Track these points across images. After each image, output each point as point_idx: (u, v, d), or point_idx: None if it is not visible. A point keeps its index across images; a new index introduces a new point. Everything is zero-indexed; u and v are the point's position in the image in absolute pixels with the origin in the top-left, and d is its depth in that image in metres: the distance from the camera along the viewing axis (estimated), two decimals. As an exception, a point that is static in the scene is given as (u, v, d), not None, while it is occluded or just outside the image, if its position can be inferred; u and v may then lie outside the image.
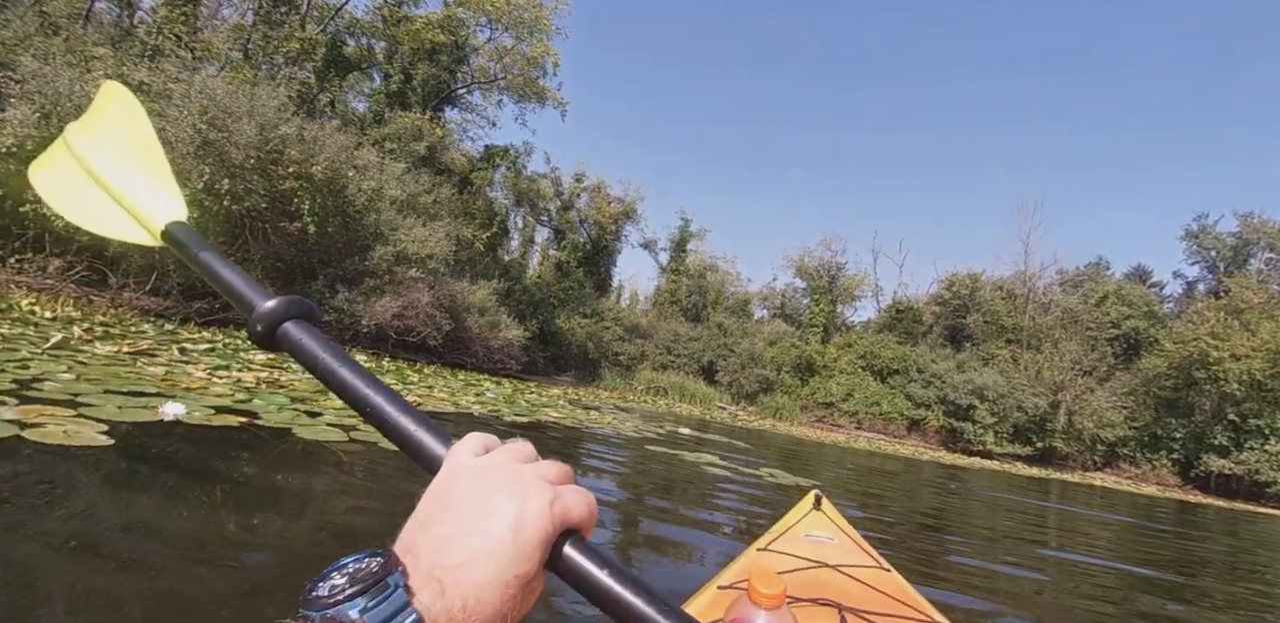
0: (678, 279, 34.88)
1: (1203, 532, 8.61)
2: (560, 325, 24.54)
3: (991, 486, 10.73)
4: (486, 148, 23.41)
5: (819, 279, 32.19)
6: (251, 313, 0.47)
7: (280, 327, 0.46)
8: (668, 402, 20.49)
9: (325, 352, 0.44)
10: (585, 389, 18.55)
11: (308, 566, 1.76)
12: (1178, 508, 13.38)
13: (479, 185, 22.06)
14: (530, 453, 0.38)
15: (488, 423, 5.43)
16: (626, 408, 11.92)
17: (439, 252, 12.71)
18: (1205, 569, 4.65)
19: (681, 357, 28.30)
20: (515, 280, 23.21)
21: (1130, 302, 28.62)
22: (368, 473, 2.95)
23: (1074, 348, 25.45)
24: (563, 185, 31.70)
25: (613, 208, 31.06)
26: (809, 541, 1.66)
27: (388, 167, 14.01)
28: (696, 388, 25.32)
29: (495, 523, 0.31)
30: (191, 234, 0.56)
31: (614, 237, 31.58)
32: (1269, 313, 21.97)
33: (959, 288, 29.57)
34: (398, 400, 0.42)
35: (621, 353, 26.14)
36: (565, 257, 29.59)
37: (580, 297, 27.45)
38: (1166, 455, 22.57)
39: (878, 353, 26.99)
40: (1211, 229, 30.31)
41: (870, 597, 1.25)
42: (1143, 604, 3.28)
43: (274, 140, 10.20)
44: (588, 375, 24.20)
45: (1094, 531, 6.29)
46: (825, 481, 6.21)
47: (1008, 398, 22.79)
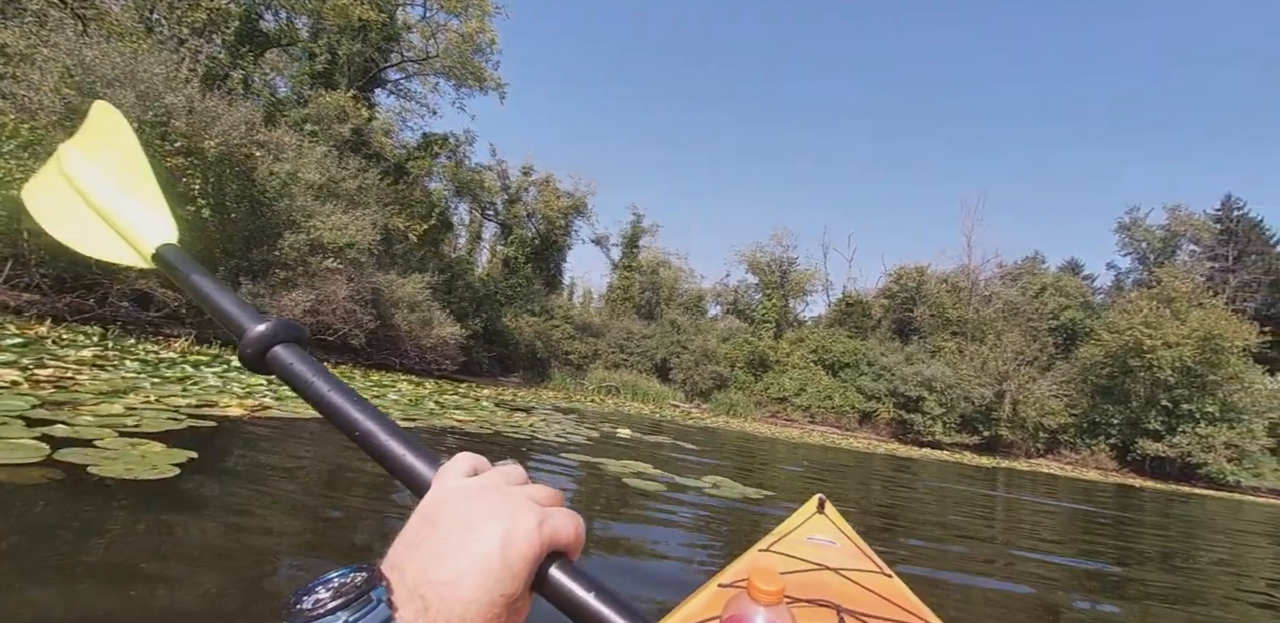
0: (630, 276, 34.23)
1: (1140, 515, 8.79)
2: (507, 324, 23.52)
3: (941, 476, 10.60)
4: (425, 136, 22.12)
5: (771, 274, 32.15)
6: (241, 336, 0.47)
7: (270, 350, 0.46)
8: (617, 401, 19.75)
9: (315, 375, 0.45)
10: (531, 389, 17.64)
11: None
12: (1117, 492, 13.56)
13: (416, 175, 20.79)
14: (520, 475, 0.38)
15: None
16: (569, 408, 11.11)
17: (361, 241, 11.60)
18: (1145, 560, 4.41)
19: (635, 354, 27.66)
20: (457, 276, 22.06)
21: (1067, 293, 29.64)
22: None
23: (1016, 339, 26.09)
24: (510, 179, 30.62)
25: (562, 202, 30.16)
26: (811, 543, 1.66)
27: (306, 149, 12.81)
28: (650, 386, 24.73)
29: (483, 542, 0.31)
30: (182, 256, 0.56)
31: (564, 232, 30.67)
32: (1196, 302, 22.94)
33: (906, 281, 29.98)
34: (387, 423, 0.42)
35: (572, 351, 25.28)
36: (513, 253, 28.48)
37: (528, 294, 26.44)
38: (1104, 441, 23.29)
39: (829, 347, 27.01)
40: (1142, 222, 31.73)
41: (870, 601, 1.24)
42: (1081, 600, 3.06)
43: (158, 111, 8.98)
44: (536, 375, 23.27)
45: (1041, 519, 6.17)
46: (779, 484, 5.49)
47: (955, 389, 23.09)
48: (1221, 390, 21.20)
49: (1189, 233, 30.15)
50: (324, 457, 3.53)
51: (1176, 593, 3.40)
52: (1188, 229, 30.10)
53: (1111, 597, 3.19)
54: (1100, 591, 3.31)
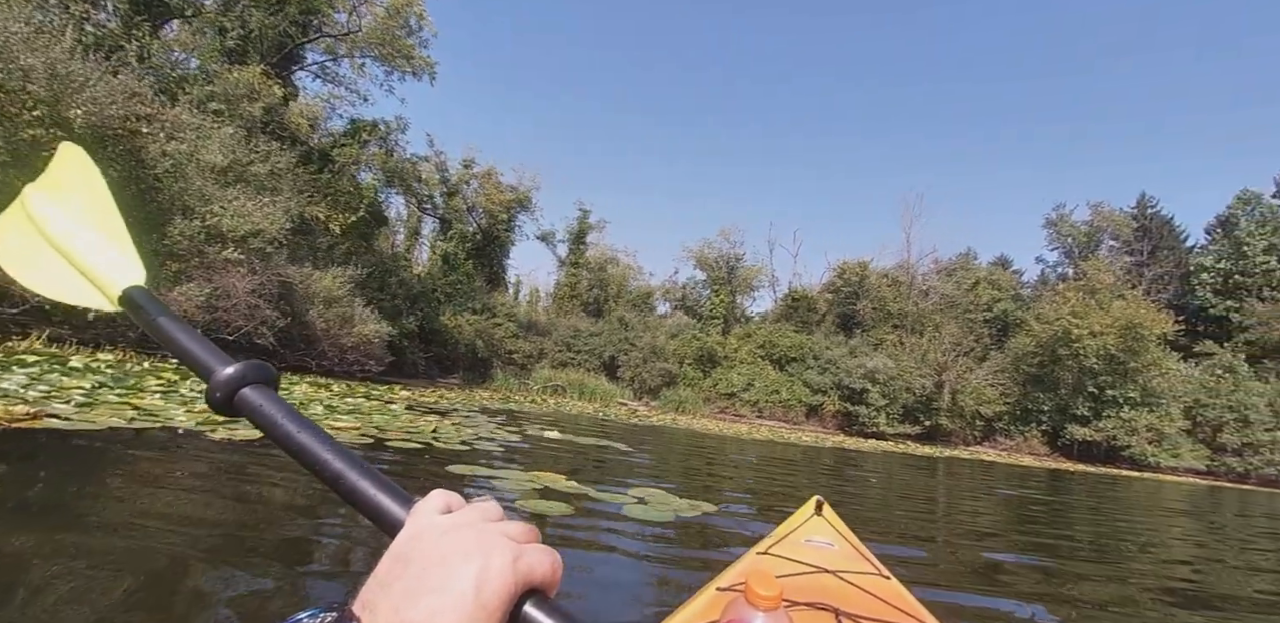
0: (577, 273, 33.50)
1: (1071, 498, 9.01)
2: (445, 322, 22.42)
3: (888, 468, 10.52)
4: (352, 122, 20.79)
5: (718, 271, 32.11)
6: (209, 379, 0.47)
7: (238, 393, 0.46)
8: (561, 401, 19.04)
9: (283, 417, 0.45)
10: (468, 391, 16.73)
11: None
12: (1050, 476, 13.88)
13: (343, 164, 19.48)
14: (496, 512, 0.38)
15: (197, 436, 3.81)
16: (500, 410, 10.34)
17: (268, 229, 10.50)
18: (1077, 550, 4.23)
19: (582, 353, 26.97)
20: (390, 272, 20.84)
21: (999, 286, 30.85)
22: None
23: (953, 330, 26.90)
24: (449, 171, 29.31)
25: (505, 197, 29.11)
26: (809, 546, 1.64)
27: (207, 129, 11.59)
28: (597, 384, 24.12)
29: (457, 581, 0.31)
30: (150, 299, 0.56)
31: (507, 227, 29.64)
32: (1118, 293, 24.13)
33: (849, 276, 30.48)
34: (357, 464, 0.42)
35: (516, 351, 24.37)
36: (452, 248, 27.26)
37: (469, 291, 25.33)
38: (1036, 427, 24.21)
39: (776, 341, 27.10)
40: (1068, 218, 33.32)
41: (868, 603, 1.24)
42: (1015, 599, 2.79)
43: (12, 73, 7.76)
44: (478, 376, 22.29)
45: (979, 508, 6.11)
46: (723, 491, 4.73)
47: (897, 380, 23.50)
48: (1142, 376, 22.34)
49: (1110, 228, 31.86)
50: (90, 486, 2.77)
51: (1107, 590, 3.16)
52: (1109, 225, 31.81)
53: (1047, 598, 2.91)
54: (1035, 591, 3.00)
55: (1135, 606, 2.88)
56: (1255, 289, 28.05)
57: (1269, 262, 28.49)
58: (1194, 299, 30.11)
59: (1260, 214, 30.10)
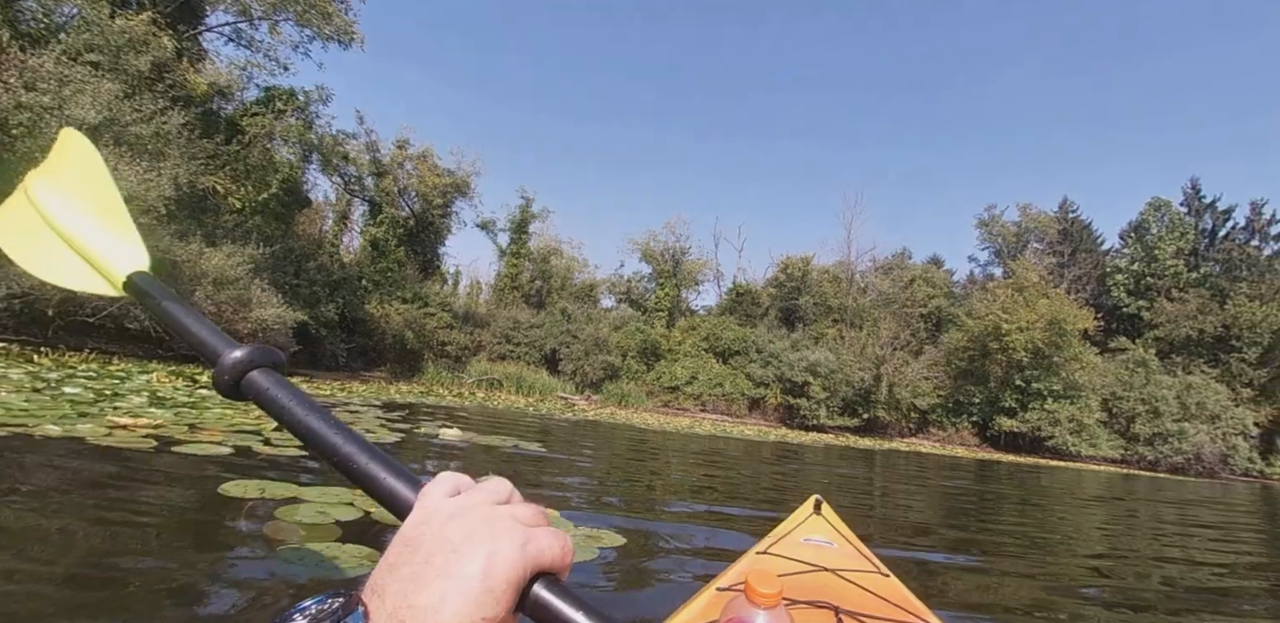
0: (519, 263, 32.27)
1: (998, 487, 9.28)
2: (371, 311, 20.92)
3: (825, 462, 10.33)
4: (266, 90, 18.95)
5: (664, 263, 31.69)
6: (216, 363, 0.47)
7: (245, 376, 0.46)
8: (490, 396, 17.99)
9: (291, 401, 0.45)
10: (390, 385, 15.50)
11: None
12: (979, 467, 14.08)
13: (254, 134, 17.71)
14: (505, 493, 0.37)
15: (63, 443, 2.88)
16: (403, 404, 9.20)
17: (145, 197, 9.10)
18: (1002, 543, 4.14)
19: (522, 345, 25.91)
20: (308, 256, 19.21)
21: (934, 283, 31.77)
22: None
23: (891, 325, 27.48)
24: (381, 151, 27.47)
25: (441, 179, 27.56)
26: (808, 545, 1.65)
27: (79, 81, 10.01)
28: (537, 378, 23.15)
29: (465, 565, 0.31)
30: (154, 283, 0.56)
31: (442, 212, 28.10)
32: (1043, 291, 25.12)
33: (793, 270, 30.67)
34: (366, 447, 0.42)
35: (449, 343, 23.06)
36: (382, 233, 25.52)
37: (399, 279, 23.81)
38: (967, 419, 24.98)
39: (719, 335, 26.90)
40: (999, 218, 34.63)
41: (868, 601, 1.23)
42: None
43: None
44: (407, 369, 20.91)
45: (913, 502, 6.08)
46: (658, 507, 3.90)
47: (837, 373, 23.70)
48: (1065, 370, 23.34)
49: (1037, 229, 33.33)
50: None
51: (1031, 590, 2.96)
52: (1036, 225, 33.27)
53: (974, 595, 2.74)
54: (961, 600, 2.71)
55: (1056, 609, 2.69)
56: (1164, 290, 29.89)
57: (1177, 264, 30.44)
58: (1109, 298, 31.84)
59: (1169, 220, 32.12)
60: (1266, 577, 3.78)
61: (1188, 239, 31.49)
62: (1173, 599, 2.99)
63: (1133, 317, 30.21)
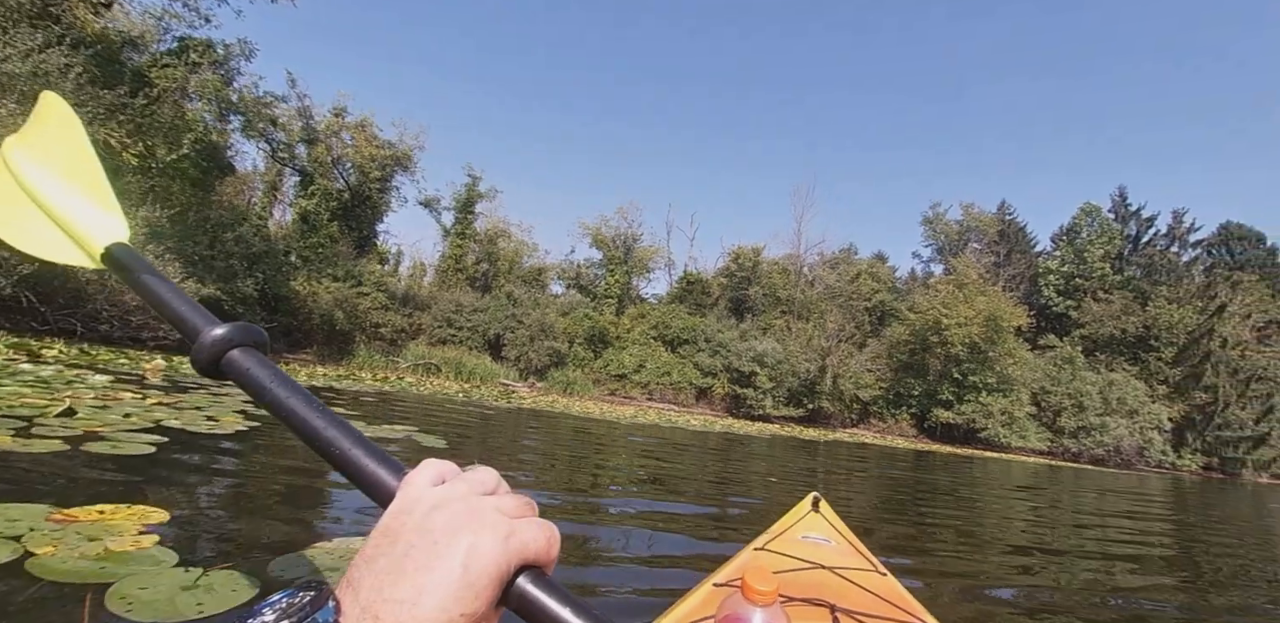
0: (464, 244, 30.90)
1: (934, 476, 9.47)
2: (296, 289, 19.42)
3: (769, 453, 10.09)
4: (180, 40, 17.11)
5: (615, 249, 31.02)
6: (195, 340, 0.45)
7: (225, 355, 0.45)
8: (421, 381, 17.00)
9: (273, 382, 0.43)
10: (311, 368, 14.33)
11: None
12: (916, 458, 14.23)
13: (164, 88, 15.96)
14: (491, 482, 0.36)
15: None
16: (318, 389, 8.36)
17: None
18: (937, 537, 4.07)
19: (464, 329, 24.76)
20: (224, 227, 17.56)
21: (879, 278, 32.41)
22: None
23: (837, 318, 27.81)
24: (315, 118, 25.53)
25: (381, 151, 25.89)
26: (806, 542, 1.65)
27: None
28: (478, 364, 22.15)
29: (444, 559, 0.30)
30: (134, 255, 0.55)
31: (381, 187, 26.45)
32: (981, 289, 25.83)
33: (744, 260, 30.59)
34: (349, 431, 0.41)
35: (384, 325, 21.74)
36: (313, 206, 23.81)
37: (330, 256, 22.26)
38: (906, 410, 25.55)
39: (669, 323, 26.52)
40: (943, 216, 35.52)
41: (864, 599, 1.23)
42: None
43: None
44: (335, 352, 19.55)
45: (854, 497, 5.95)
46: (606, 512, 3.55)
47: (784, 364, 23.74)
48: (999, 365, 24.11)
49: (978, 228, 34.39)
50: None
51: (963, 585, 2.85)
52: (977, 225, 34.31)
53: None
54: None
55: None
56: (1091, 291, 31.39)
57: (1103, 267, 31.98)
58: (1040, 297, 33.22)
59: (1098, 225, 33.70)
60: (1174, 562, 4.10)
61: (1114, 244, 33.12)
62: (1090, 590, 3.01)
63: (1061, 316, 31.61)
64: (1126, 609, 2.72)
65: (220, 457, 3.07)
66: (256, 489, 2.61)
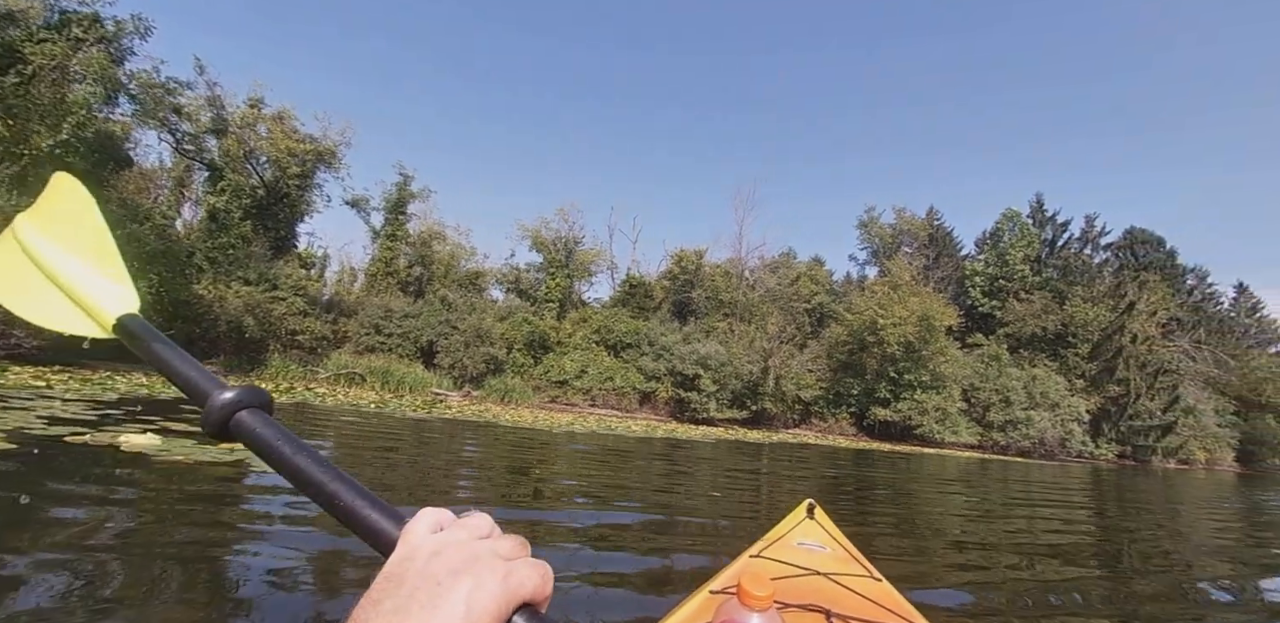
0: (395, 246, 29.36)
1: (873, 472, 9.63)
2: (201, 293, 17.75)
3: (713, 457, 9.77)
4: (61, 13, 15.34)
5: (555, 252, 30.20)
6: (204, 404, 0.47)
7: (233, 417, 0.47)
8: (330, 390, 15.78)
9: (278, 441, 0.46)
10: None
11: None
12: (856, 456, 14.25)
13: (39, 65, 14.25)
14: (485, 527, 0.39)
15: None
16: (164, 402, 7.36)
17: None
18: (881, 528, 4.24)
19: (394, 337, 23.39)
20: (115, 224, 15.79)
21: (817, 280, 32.96)
22: None
23: (778, 320, 27.94)
24: (225, 108, 23.59)
25: (301, 145, 24.20)
26: (801, 549, 1.65)
27: None
28: (408, 372, 20.90)
29: (448, 600, 0.32)
30: (144, 325, 0.57)
31: (300, 184, 24.74)
32: (915, 290, 26.56)
33: (686, 263, 30.44)
34: (352, 485, 0.43)
35: (303, 332, 20.18)
36: (223, 203, 21.92)
37: (241, 257, 20.53)
38: (846, 410, 25.91)
39: (612, 327, 25.96)
40: (877, 220, 36.53)
41: (860, 605, 1.23)
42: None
43: None
44: (246, 361, 17.93)
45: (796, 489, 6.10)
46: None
47: (727, 367, 23.59)
48: (932, 363, 24.78)
49: (910, 231, 35.56)
50: None
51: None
52: (909, 228, 35.47)
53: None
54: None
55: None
56: (1013, 291, 32.92)
57: (1024, 269, 33.62)
58: (967, 298, 34.58)
59: (1019, 229, 35.45)
60: (1099, 551, 4.24)
61: (1033, 247, 34.91)
62: (1023, 585, 3.01)
63: (987, 315, 32.99)
64: (1059, 604, 2.68)
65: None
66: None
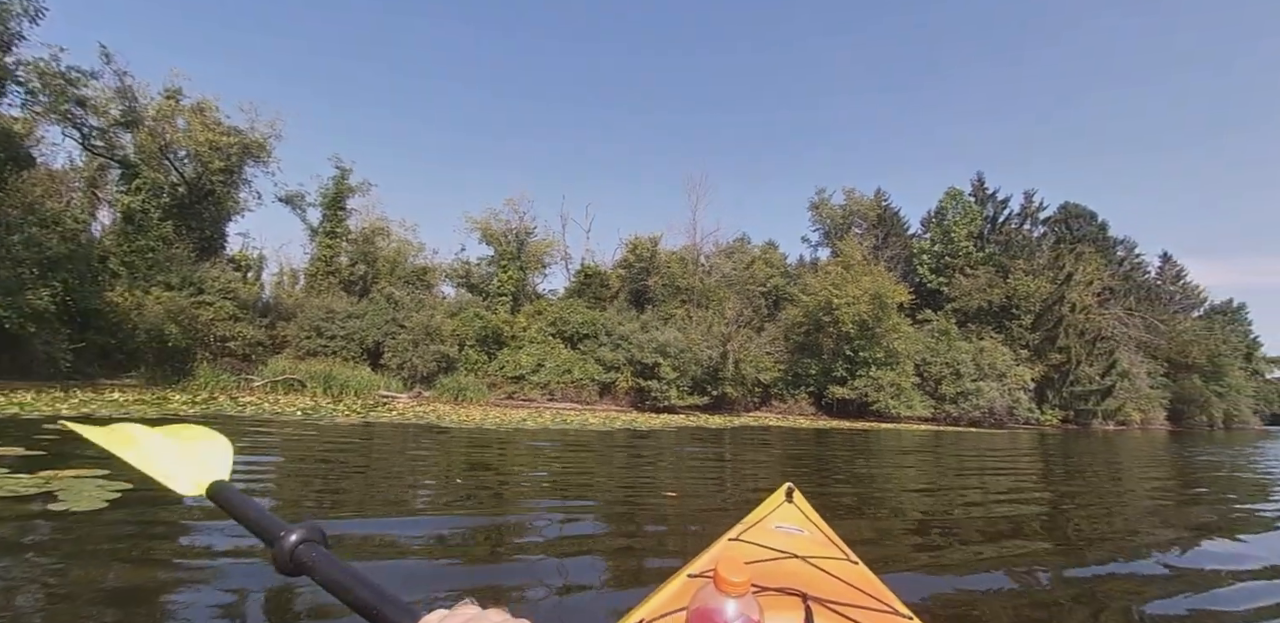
0: (335, 243, 28.05)
1: (834, 451, 9.62)
2: (116, 300, 16.45)
3: (677, 443, 9.58)
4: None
5: (506, 244, 29.34)
6: (274, 545, 0.57)
7: (295, 553, 0.56)
8: (258, 399, 14.86)
9: (336, 571, 0.54)
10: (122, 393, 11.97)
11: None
12: (817, 436, 14.27)
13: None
14: (498, 620, 0.44)
15: None
16: (46, 420, 6.61)
17: None
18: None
19: (337, 339, 22.30)
20: (12, 228, 14.45)
21: (772, 264, 33.13)
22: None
23: (735, 304, 27.94)
24: (138, 101, 21.80)
25: (225, 138, 22.62)
26: (780, 532, 1.67)
27: None
28: (353, 375, 19.91)
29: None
30: (229, 488, 0.69)
31: (226, 180, 23.20)
32: (867, 269, 26.91)
33: (641, 251, 30.09)
34: (393, 601, 0.51)
35: (234, 338, 18.98)
36: (139, 202, 20.37)
37: (160, 261, 19.13)
38: (804, 390, 26.17)
39: (568, 319, 25.42)
40: (828, 201, 36.90)
41: (836, 587, 1.25)
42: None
43: None
44: (170, 373, 16.70)
45: (760, 474, 6.09)
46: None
47: (686, 353, 23.42)
48: (885, 339, 25.19)
49: (859, 211, 36.07)
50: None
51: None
52: (859, 208, 35.98)
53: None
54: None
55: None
56: (959, 267, 33.83)
57: (968, 246, 34.56)
58: (916, 276, 35.37)
59: (962, 208, 36.37)
60: (1049, 522, 4.31)
61: (976, 224, 35.88)
62: (978, 562, 3.05)
63: (935, 292, 33.82)
64: (1012, 583, 2.69)
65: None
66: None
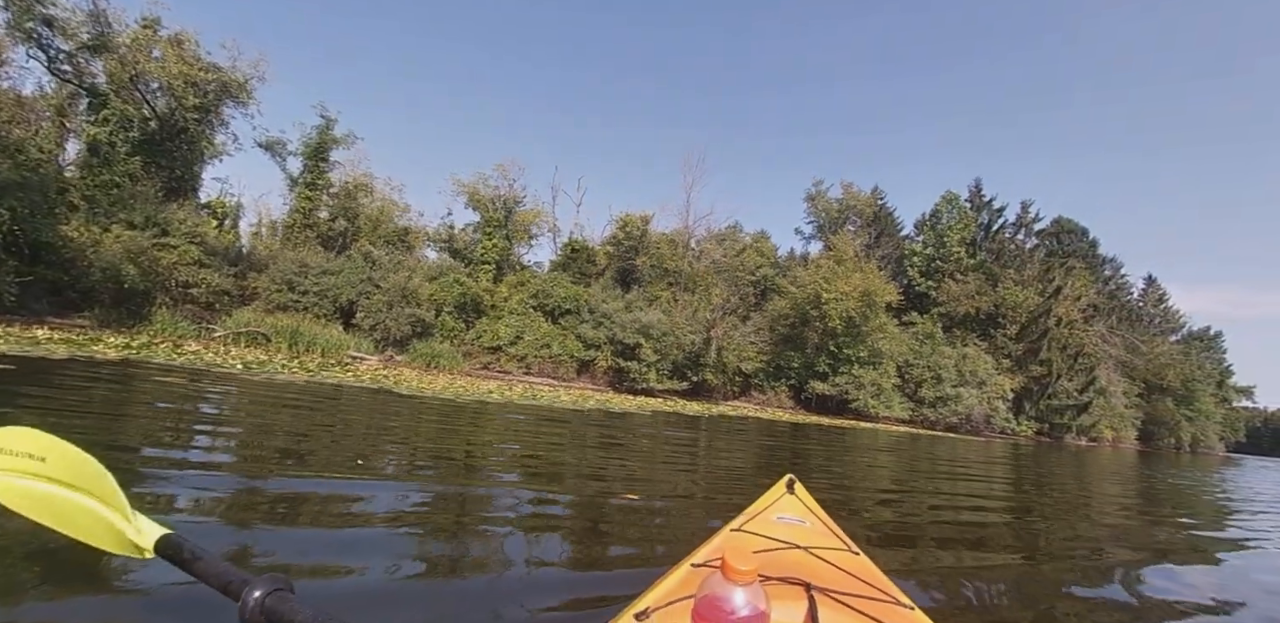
0: (315, 196, 26.77)
1: (810, 446, 9.64)
2: (70, 234, 15.36)
3: (653, 430, 9.13)
4: None
5: (494, 211, 28.34)
6: (239, 598, 0.58)
7: (264, 603, 0.57)
8: (221, 351, 14.06)
9: (300, 616, 0.56)
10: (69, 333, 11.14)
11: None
12: (793, 430, 13.98)
13: None
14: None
15: None
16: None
17: None
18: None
19: (310, 294, 21.31)
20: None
21: (763, 253, 32.65)
22: None
23: (722, 291, 27.44)
24: (112, 26, 20.31)
25: (204, 74, 21.22)
26: (781, 522, 1.67)
27: None
28: (324, 334, 19.06)
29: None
30: (181, 541, 0.69)
31: (200, 118, 21.83)
32: (858, 266, 26.52)
33: (631, 229, 29.34)
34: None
35: (197, 285, 17.93)
36: (105, 134, 19.08)
37: (124, 198, 17.95)
38: (785, 382, 25.91)
39: (551, 292, 24.71)
40: (824, 194, 36.35)
41: (838, 577, 1.26)
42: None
43: None
44: (126, 315, 15.72)
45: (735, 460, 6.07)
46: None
47: (669, 336, 22.93)
48: (871, 338, 24.94)
49: (856, 207, 35.60)
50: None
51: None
52: (856, 203, 35.50)
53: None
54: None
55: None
56: (949, 272, 33.67)
57: (960, 251, 34.35)
58: (905, 278, 35.20)
59: (957, 213, 36.09)
60: (1017, 532, 4.31)
61: (970, 230, 35.67)
62: (942, 571, 2.98)
63: (923, 295, 33.67)
64: (978, 593, 2.67)
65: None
66: None
